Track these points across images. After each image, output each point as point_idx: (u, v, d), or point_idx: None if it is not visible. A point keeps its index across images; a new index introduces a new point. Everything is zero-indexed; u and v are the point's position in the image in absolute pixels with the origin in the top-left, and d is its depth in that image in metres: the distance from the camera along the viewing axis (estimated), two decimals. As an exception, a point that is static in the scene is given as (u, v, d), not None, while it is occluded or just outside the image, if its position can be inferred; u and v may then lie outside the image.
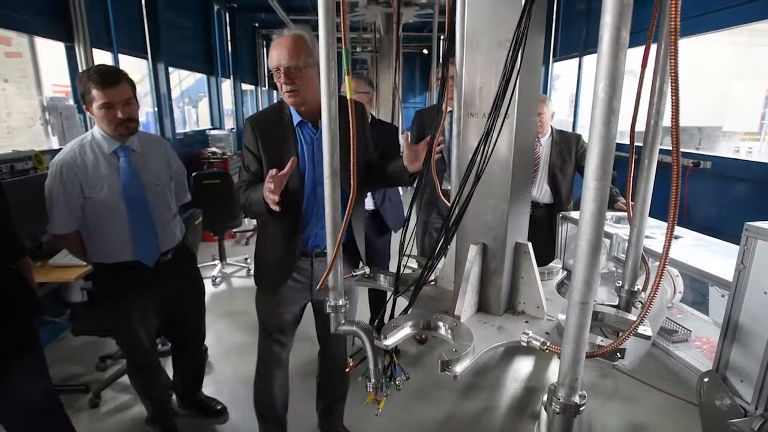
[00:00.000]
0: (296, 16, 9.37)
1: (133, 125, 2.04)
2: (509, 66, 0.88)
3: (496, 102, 0.92)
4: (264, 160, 1.81)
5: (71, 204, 2.00)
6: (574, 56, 5.71)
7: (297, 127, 1.82)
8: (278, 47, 1.69)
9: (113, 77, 1.92)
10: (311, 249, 1.93)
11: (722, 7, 3.51)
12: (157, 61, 6.14)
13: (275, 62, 1.69)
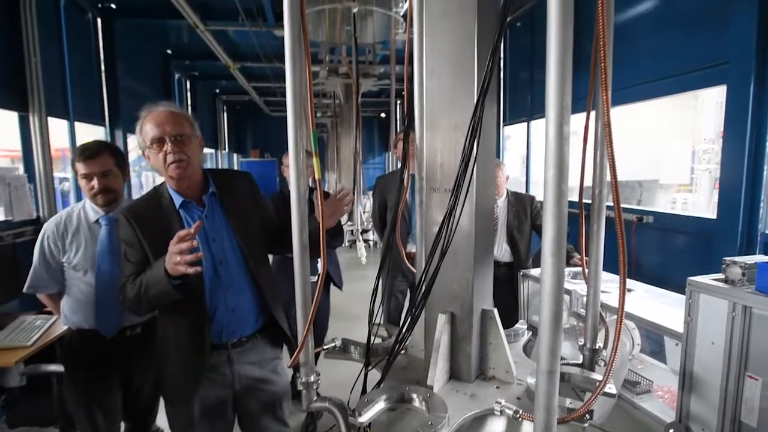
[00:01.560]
0: (257, 84, 9.69)
1: (110, 196, 2.07)
2: (467, 151, 0.97)
3: (457, 182, 1.00)
4: (150, 254, 1.56)
5: (50, 268, 2.11)
6: (522, 121, 6.16)
7: (180, 209, 1.63)
8: (159, 118, 1.58)
9: (92, 150, 2.02)
10: (226, 340, 1.65)
11: (650, 80, 3.95)
12: (115, 128, 6.11)
13: (158, 132, 1.55)
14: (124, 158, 2.15)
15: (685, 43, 3.62)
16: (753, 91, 3.05)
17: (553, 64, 0.75)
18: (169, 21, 5.77)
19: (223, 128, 13.32)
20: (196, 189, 1.67)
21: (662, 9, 3.88)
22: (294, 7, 1.10)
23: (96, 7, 5.64)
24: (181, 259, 1.34)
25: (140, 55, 7.09)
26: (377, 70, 4.57)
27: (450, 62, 1.18)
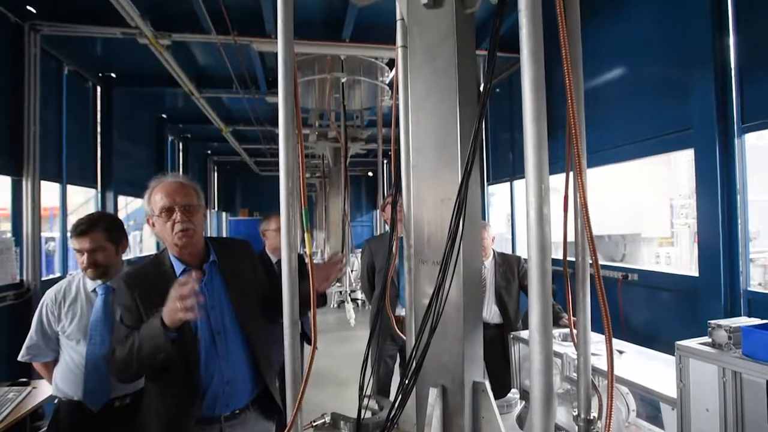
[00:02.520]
0: (247, 145, 9.95)
1: (99, 270, 2.09)
2: (453, 227, 1.02)
3: (445, 257, 1.04)
4: (146, 320, 1.54)
5: (46, 336, 2.13)
6: (505, 180, 6.36)
7: (180, 276, 1.64)
8: (169, 188, 1.62)
9: (83, 227, 2.06)
10: (219, 413, 1.60)
11: (622, 143, 4.16)
12: (107, 190, 6.16)
13: (168, 202, 1.59)
14: (119, 231, 2.18)
15: (652, 110, 3.87)
16: (719, 155, 3.23)
17: (530, 137, 0.82)
18: (165, 88, 6.01)
19: (213, 188, 13.47)
20: (198, 257, 1.69)
21: (629, 77, 4.17)
22: (288, 91, 1.18)
23: (97, 76, 5.88)
24: (181, 304, 1.35)
25: (136, 120, 7.30)
26: (365, 134, 4.76)
27: (434, 142, 1.26)
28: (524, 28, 0.87)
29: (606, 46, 4.27)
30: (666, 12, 3.67)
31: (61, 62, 5.05)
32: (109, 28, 4.10)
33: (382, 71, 4.51)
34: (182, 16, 4.12)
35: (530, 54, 0.86)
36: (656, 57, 3.83)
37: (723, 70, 3.21)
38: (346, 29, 4.00)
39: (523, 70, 0.87)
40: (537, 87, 0.86)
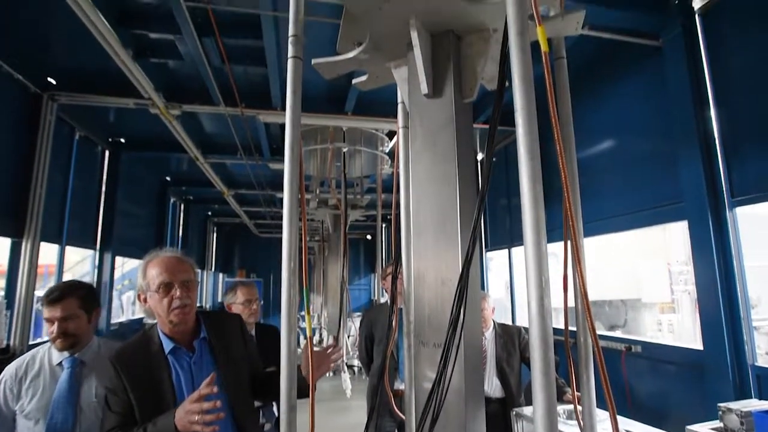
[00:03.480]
0: (248, 208, 10.07)
1: (69, 341, 1.97)
2: (455, 314, 1.03)
3: (446, 344, 1.03)
4: (134, 402, 1.51)
5: (2, 414, 1.94)
6: (503, 248, 6.40)
7: (169, 354, 1.62)
8: (168, 264, 1.63)
9: (55, 295, 1.96)
10: None
11: (617, 214, 4.25)
12: (105, 251, 6.15)
13: (167, 278, 1.59)
14: (93, 299, 2.08)
15: (644, 182, 3.98)
16: (712, 227, 3.28)
17: (529, 220, 0.85)
18: (171, 153, 6.20)
19: (211, 249, 13.47)
20: (189, 333, 1.66)
21: (620, 150, 4.33)
22: (293, 176, 1.23)
23: (107, 141, 6.09)
24: (200, 418, 1.33)
25: (140, 182, 7.45)
26: (364, 202, 4.85)
27: (434, 224, 1.29)
28: (519, 112, 0.91)
29: (598, 121, 4.48)
30: (650, 89, 3.88)
31: (74, 128, 5.26)
32: (123, 98, 4.30)
33: (381, 141, 4.70)
34: (193, 89, 4.35)
35: (525, 135, 0.90)
36: (645, 132, 4.00)
37: (707, 144, 3.35)
38: (348, 103, 4.23)
39: (520, 152, 0.91)
40: (533, 166, 0.90)
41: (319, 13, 2.88)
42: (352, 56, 1.46)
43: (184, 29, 3.10)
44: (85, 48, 3.36)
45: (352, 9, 1.29)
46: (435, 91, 1.32)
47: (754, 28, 3.06)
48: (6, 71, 3.89)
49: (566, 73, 1.41)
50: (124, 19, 3.32)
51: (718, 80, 3.30)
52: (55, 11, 3.01)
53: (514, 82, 0.93)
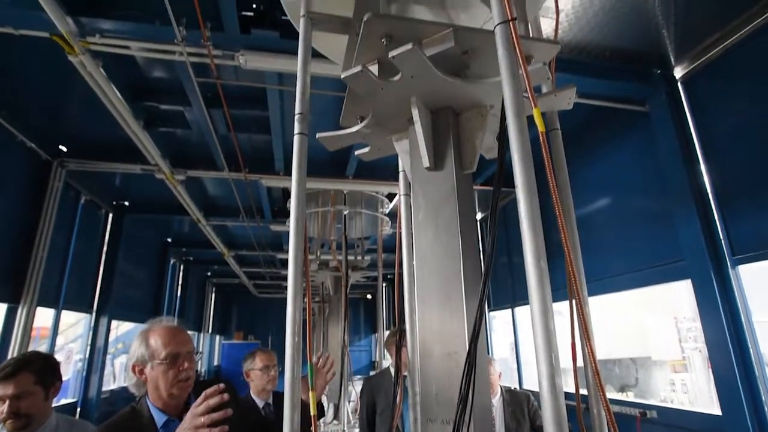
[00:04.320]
0: (248, 269, 10.02)
1: (21, 422, 1.81)
2: (464, 391, 1.00)
3: (456, 422, 1.00)
4: None
5: None
6: (506, 307, 6.30)
7: (161, 429, 1.57)
8: (174, 333, 1.62)
9: (10, 369, 1.82)
10: None
11: (619, 273, 4.23)
12: (101, 315, 6.04)
13: (176, 349, 1.57)
14: (51, 373, 1.92)
15: (644, 241, 4.00)
16: (716, 285, 3.26)
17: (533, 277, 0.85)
18: (174, 216, 6.26)
19: (209, 310, 13.22)
20: (182, 404, 1.61)
21: (619, 209, 4.38)
22: (298, 259, 1.24)
23: (111, 204, 6.18)
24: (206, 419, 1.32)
25: (141, 244, 7.47)
26: (365, 263, 4.84)
27: (439, 295, 1.29)
28: (521, 189, 0.94)
29: (593, 180, 4.58)
30: (642, 149, 4.00)
31: (79, 192, 5.35)
32: (130, 165, 4.42)
33: (382, 203, 4.77)
34: (198, 155, 4.48)
35: (527, 211, 0.92)
36: (640, 190, 4.08)
37: (703, 201, 3.41)
38: (349, 167, 4.35)
39: (523, 228, 0.92)
40: (537, 244, 0.91)
41: (322, 86, 3.05)
42: (356, 131, 1.53)
43: (193, 102, 3.25)
44: (97, 118, 3.51)
45: (356, 89, 1.36)
46: (436, 164, 1.37)
47: (734, 91, 3.22)
48: (20, 140, 4.03)
49: (561, 143, 1.47)
50: (137, 93, 3.49)
51: (705, 141, 3.42)
52: (72, 85, 3.18)
53: (513, 161, 0.96)
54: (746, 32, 3.04)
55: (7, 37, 2.55)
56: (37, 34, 2.52)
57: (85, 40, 2.53)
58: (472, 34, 1.28)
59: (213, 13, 2.48)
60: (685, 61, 3.44)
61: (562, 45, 3.08)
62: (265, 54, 2.57)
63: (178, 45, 2.52)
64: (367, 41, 1.28)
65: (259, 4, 2.57)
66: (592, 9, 2.76)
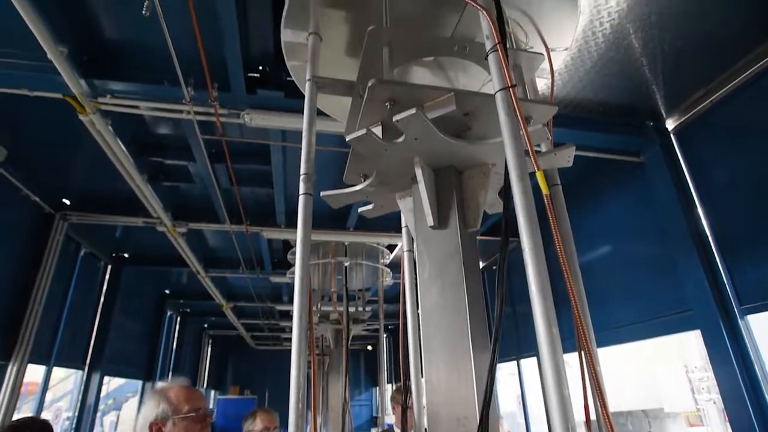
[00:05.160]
0: (246, 321, 9.82)
1: None
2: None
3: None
4: None
5: None
6: (511, 359, 6.12)
7: None
8: (194, 391, 1.74)
9: None
10: None
11: (627, 323, 4.14)
12: (93, 371, 5.85)
13: (197, 403, 1.68)
14: None
15: (650, 290, 3.94)
16: (727, 336, 3.18)
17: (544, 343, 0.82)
18: (173, 267, 6.22)
19: (205, 363, 12.82)
20: None
21: (623, 258, 4.35)
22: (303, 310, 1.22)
23: (110, 256, 6.15)
24: None
25: (139, 296, 7.36)
26: (366, 315, 4.76)
27: (446, 358, 1.26)
28: (528, 253, 0.94)
29: (596, 229, 4.59)
30: (640, 198, 4.03)
31: (79, 245, 5.34)
32: (132, 217, 4.44)
33: (382, 254, 4.76)
34: (200, 208, 4.51)
35: (536, 276, 0.91)
36: (642, 238, 4.08)
37: (705, 249, 3.39)
38: (350, 220, 4.37)
39: (532, 291, 0.91)
40: (547, 307, 0.89)
41: (323, 142, 3.12)
42: (359, 189, 1.55)
43: (198, 157, 3.32)
44: (101, 172, 3.56)
45: (360, 150, 1.40)
46: (440, 223, 1.38)
47: (724, 142, 3.30)
48: (24, 194, 4.07)
49: (562, 197, 1.48)
50: (142, 148, 3.57)
51: (702, 189, 3.46)
52: (79, 140, 3.25)
53: (519, 223, 0.97)
54: (729, 89, 3.17)
55: (17, 96, 2.63)
56: (51, 95, 2.61)
57: (97, 101, 2.62)
58: (473, 98, 1.33)
59: (220, 74, 2.58)
60: (676, 114, 3.55)
61: (556, 101, 3.19)
62: (270, 113, 2.65)
63: (186, 104, 2.60)
64: (372, 105, 1.33)
65: (264, 66, 2.69)
66: (583, 68, 2.88)
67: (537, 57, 1.56)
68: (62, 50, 2.26)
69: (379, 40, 1.43)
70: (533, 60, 1.58)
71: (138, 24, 2.27)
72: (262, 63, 2.69)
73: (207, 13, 2.19)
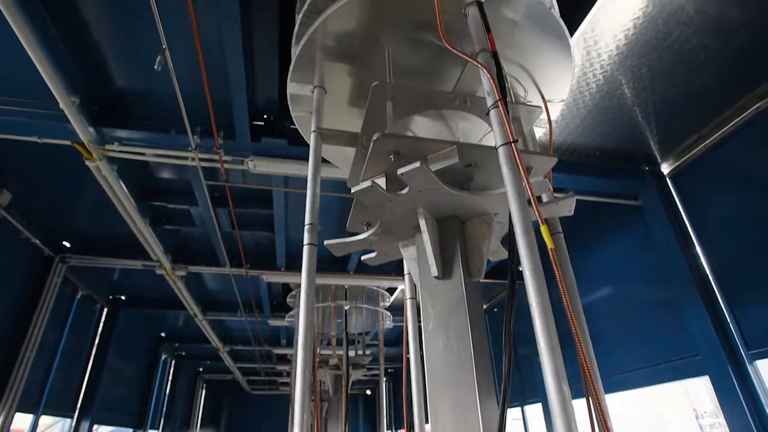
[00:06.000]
0: (242, 364, 9.58)
1: None
2: None
3: None
4: None
5: None
6: (515, 405, 5.93)
7: None
8: None
9: None
10: None
11: (636, 368, 4.04)
12: (83, 419, 5.64)
13: None
14: None
15: (656, 335, 3.88)
16: (737, 382, 3.10)
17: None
18: (170, 310, 6.13)
19: (198, 408, 12.38)
20: None
21: (622, 299, 4.29)
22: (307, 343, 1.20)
23: (107, 299, 6.06)
24: None
25: (133, 339, 7.21)
26: (366, 359, 4.65)
27: (453, 411, 1.22)
28: (535, 308, 0.93)
29: (597, 272, 4.56)
30: (640, 240, 4.03)
31: (77, 287, 5.28)
32: (131, 260, 4.42)
33: (382, 297, 4.71)
34: (200, 251, 4.50)
35: (543, 329, 0.90)
36: (644, 280, 4.05)
37: (707, 289, 3.37)
38: (351, 263, 4.35)
39: (541, 348, 0.90)
40: (557, 363, 0.88)
41: (324, 188, 3.16)
42: (363, 238, 1.56)
43: (201, 202, 3.35)
44: (103, 215, 3.58)
45: (365, 201, 1.41)
46: (444, 273, 1.38)
47: (718, 185, 3.36)
48: (25, 237, 4.06)
49: (565, 246, 1.49)
50: (146, 193, 3.60)
51: (700, 231, 3.48)
52: (83, 185, 3.29)
53: (526, 278, 0.97)
54: (720, 135, 3.27)
55: (25, 142, 2.68)
56: (60, 142, 2.67)
57: (104, 148, 2.68)
58: (475, 150, 1.36)
59: (226, 122, 2.65)
60: (671, 159, 3.63)
61: (554, 146, 3.26)
62: (273, 160, 2.71)
63: (191, 152, 2.65)
64: (376, 157, 1.36)
65: (269, 114, 2.76)
66: (579, 116, 2.97)
67: (535, 110, 1.62)
68: (74, 100, 2.33)
69: (383, 95, 1.48)
70: (532, 112, 1.63)
71: (148, 75, 2.34)
72: (267, 111, 2.77)
73: (215, 65, 2.28)
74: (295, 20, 1.79)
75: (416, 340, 1.61)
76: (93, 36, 2.35)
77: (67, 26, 2.27)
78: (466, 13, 1.41)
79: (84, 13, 2.24)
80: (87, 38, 2.35)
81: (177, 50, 2.14)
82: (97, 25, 2.31)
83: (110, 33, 2.37)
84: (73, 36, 2.32)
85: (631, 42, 2.46)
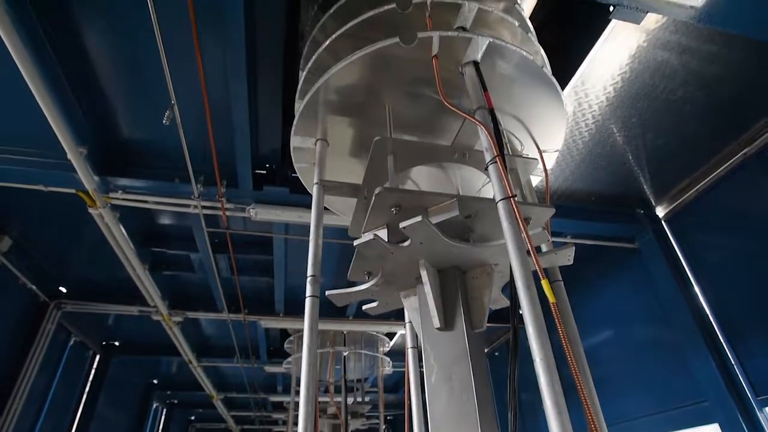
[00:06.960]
0: (236, 412, 9.25)
1: None
2: None
3: None
4: None
5: None
6: (520, 453, 5.71)
7: None
8: None
9: None
10: None
11: (643, 415, 3.93)
12: (68, 475, 5.38)
13: None
14: None
15: (659, 378, 3.80)
16: (747, 428, 3.03)
17: None
18: (164, 357, 5.98)
19: (189, 459, 11.83)
20: None
21: (624, 343, 4.22)
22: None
23: (100, 345, 5.93)
24: None
25: (125, 387, 6.99)
26: (366, 408, 4.52)
27: None
28: (539, 364, 0.93)
29: (599, 317, 4.51)
30: (638, 283, 4.01)
31: (70, 334, 5.17)
32: (127, 306, 4.37)
33: (381, 342, 4.63)
34: (198, 296, 4.46)
35: (548, 386, 0.90)
36: (645, 323, 4.01)
37: (708, 331, 3.34)
38: (350, 308, 4.31)
39: (546, 405, 0.89)
40: (563, 421, 0.87)
41: (325, 235, 3.18)
42: (365, 288, 1.56)
43: (201, 248, 3.36)
44: (100, 260, 3.57)
45: (367, 254, 1.43)
46: (446, 324, 1.38)
47: (713, 227, 3.41)
48: (21, 282, 4.03)
49: (565, 295, 1.50)
50: (146, 238, 3.62)
51: (699, 273, 3.49)
52: (83, 231, 3.30)
53: (528, 332, 0.98)
54: (712, 179, 3.35)
55: (29, 190, 2.72)
56: (65, 190, 2.71)
57: (108, 196, 2.71)
58: (475, 203, 1.40)
59: (229, 171, 2.71)
60: (665, 202, 3.69)
61: (550, 192, 3.32)
62: (275, 207, 2.74)
63: (194, 200, 2.69)
64: (378, 210, 1.39)
65: (272, 163, 2.83)
66: (573, 162, 3.05)
67: (531, 162, 1.67)
68: (82, 151, 2.39)
69: (384, 149, 1.53)
70: (528, 164, 1.68)
71: (154, 125, 2.41)
72: (269, 160, 2.84)
73: (220, 116, 2.35)
74: (299, 76, 1.87)
75: (418, 388, 1.58)
76: (102, 88, 2.44)
77: (77, 79, 2.35)
78: (463, 72, 1.49)
79: (95, 67, 2.33)
80: (96, 91, 2.44)
81: (183, 101, 2.21)
82: (107, 78, 2.41)
83: (119, 85, 2.46)
84: (83, 88, 2.41)
85: (620, 94, 2.58)
